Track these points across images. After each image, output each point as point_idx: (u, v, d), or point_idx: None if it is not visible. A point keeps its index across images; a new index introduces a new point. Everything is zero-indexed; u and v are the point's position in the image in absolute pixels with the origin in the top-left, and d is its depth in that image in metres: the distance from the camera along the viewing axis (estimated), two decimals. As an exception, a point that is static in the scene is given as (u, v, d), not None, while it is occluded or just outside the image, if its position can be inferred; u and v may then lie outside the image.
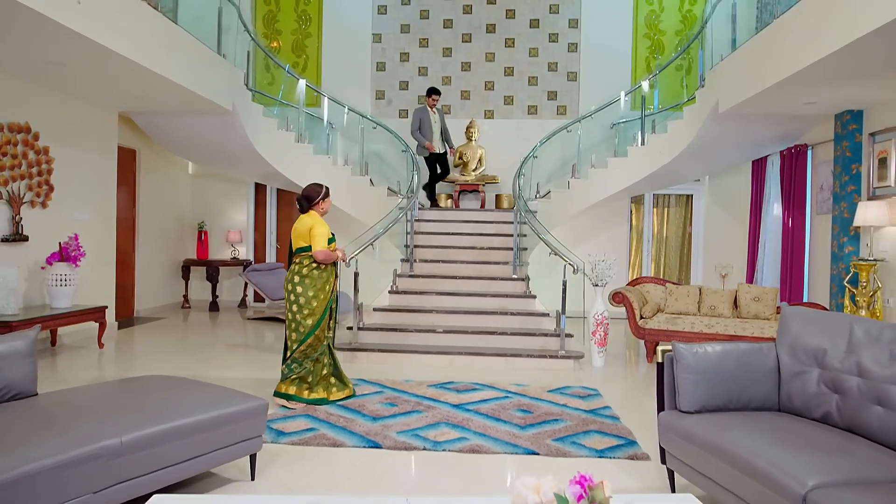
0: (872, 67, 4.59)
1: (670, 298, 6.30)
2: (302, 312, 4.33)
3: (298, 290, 4.34)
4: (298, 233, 4.42)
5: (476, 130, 9.38)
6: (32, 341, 2.80)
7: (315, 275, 4.37)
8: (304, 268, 4.37)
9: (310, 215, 4.47)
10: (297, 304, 4.33)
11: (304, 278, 4.35)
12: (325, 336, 4.48)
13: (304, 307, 4.33)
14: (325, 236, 4.38)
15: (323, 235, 4.36)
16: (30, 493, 2.10)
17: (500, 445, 3.64)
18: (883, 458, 2.29)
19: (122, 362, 5.82)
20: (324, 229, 4.39)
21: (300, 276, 4.35)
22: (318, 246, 4.32)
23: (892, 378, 2.44)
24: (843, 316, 2.85)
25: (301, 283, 4.35)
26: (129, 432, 2.40)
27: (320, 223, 4.40)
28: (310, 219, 4.42)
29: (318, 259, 4.34)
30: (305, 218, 4.44)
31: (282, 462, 3.32)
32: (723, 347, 2.92)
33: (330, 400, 4.43)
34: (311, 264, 4.37)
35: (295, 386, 4.38)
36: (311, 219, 4.41)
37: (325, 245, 4.37)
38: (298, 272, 4.37)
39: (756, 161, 8.11)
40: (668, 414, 2.91)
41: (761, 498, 2.25)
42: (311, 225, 4.36)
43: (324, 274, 4.40)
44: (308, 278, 4.35)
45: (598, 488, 1.37)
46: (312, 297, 4.34)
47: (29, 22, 4.09)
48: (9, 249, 5.64)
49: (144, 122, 7.16)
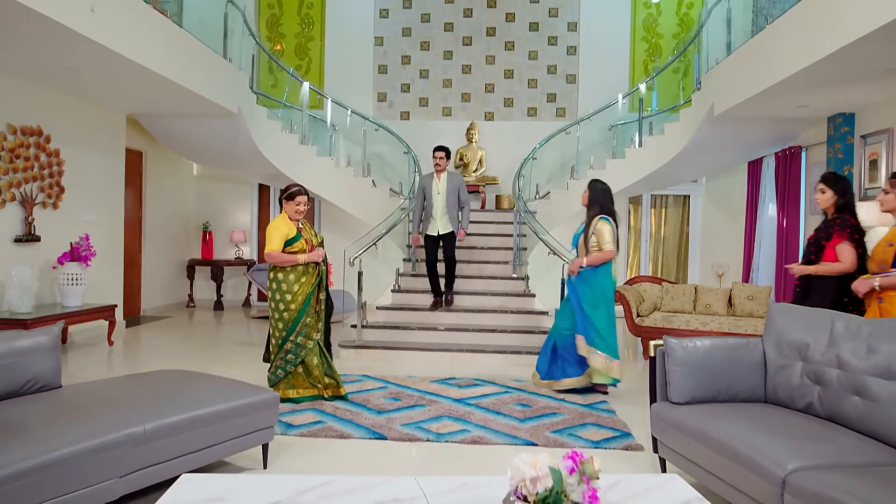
0: (862, 72, 4.72)
1: (667, 297, 6.45)
2: (274, 317, 4.34)
3: (269, 295, 4.37)
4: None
5: (476, 132, 9.53)
6: (56, 336, 2.95)
7: (280, 278, 4.31)
8: (271, 271, 4.37)
9: (280, 215, 4.41)
10: (270, 307, 4.37)
11: (271, 282, 4.35)
12: (311, 339, 4.41)
13: (275, 311, 4.33)
14: (279, 238, 4.27)
15: (275, 238, 4.26)
16: (61, 476, 2.24)
17: (501, 437, 3.79)
18: (860, 444, 2.44)
19: (132, 359, 5.97)
20: (278, 231, 4.28)
21: (269, 280, 4.37)
22: (267, 247, 4.27)
23: (869, 370, 2.59)
24: (826, 312, 3.00)
25: (270, 286, 4.35)
26: (152, 421, 2.56)
27: (277, 224, 4.32)
28: (274, 220, 4.38)
29: (268, 261, 4.32)
30: (274, 218, 4.43)
31: (292, 452, 3.47)
32: (711, 342, 3.07)
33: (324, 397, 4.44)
34: (276, 267, 4.33)
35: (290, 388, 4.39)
36: (274, 220, 4.39)
37: (277, 247, 4.26)
38: (268, 276, 4.38)
39: (752, 162, 8.26)
40: (660, 405, 3.06)
41: (745, 481, 2.40)
42: (269, 226, 4.34)
43: (291, 276, 4.31)
44: (275, 282, 4.33)
45: (589, 462, 1.53)
46: (280, 301, 4.31)
47: (43, 28, 4.22)
48: (22, 249, 5.79)
49: (151, 125, 7.32)
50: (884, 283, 3.34)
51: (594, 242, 4.75)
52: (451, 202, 6.47)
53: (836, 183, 3.87)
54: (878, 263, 3.45)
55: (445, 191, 6.45)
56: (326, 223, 9.66)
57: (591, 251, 4.75)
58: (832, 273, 3.70)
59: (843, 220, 3.77)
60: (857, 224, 3.75)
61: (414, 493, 1.93)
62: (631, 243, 9.74)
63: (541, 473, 1.50)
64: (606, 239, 4.69)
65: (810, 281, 3.81)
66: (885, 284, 3.33)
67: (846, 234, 3.70)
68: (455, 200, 6.48)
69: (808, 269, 3.82)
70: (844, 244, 3.69)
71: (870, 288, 3.42)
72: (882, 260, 3.42)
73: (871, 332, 2.69)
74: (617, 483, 2.03)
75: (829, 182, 3.88)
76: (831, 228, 3.79)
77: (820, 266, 3.76)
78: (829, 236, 3.78)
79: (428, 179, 6.57)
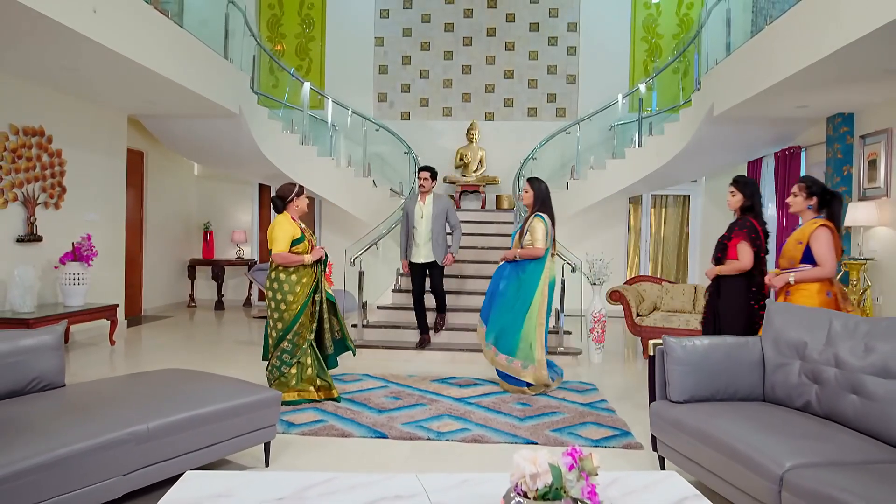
0: (861, 72, 4.74)
1: (666, 297, 6.48)
2: (273, 317, 4.35)
3: (269, 295, 4.37)
4: (269, 235, 4.38)
5: (477, 132, 9.56)
6: (60, 336, 2.98)
7: (282, 278, 4.31)
8: (272, 271, 4.36)
9: (282, 215, 4.39)
10: (269, 307, 4.38)
11: (272, 282, 4.34)
12: (306, 339, 4.41)
13: (275, 311, 4.34)
14: (285, 239, 4.27)
15: (283, 238, 4.26)
16: (65, 474, 2.27)
17: (501, 435, 3.81)
18: (857, 442, 2.46)
19: (134, 359, 6.00)
20: (285, 232, 4.28)
21: (269, 280, 4.37)
22: (275, 249, 4.26)
23: (866, 368, 2.61)
24: (823, 311, 3.03)
25: (270, 286, 4.35)
26: (156, 419, 2.58)
27: (282, 225, 4.31)
28: (276, 220, 4.36)
29: (277, 262, 4.30)
30: (276, 219, 4.39)
31: (293, 451, 3.50)
32: (710, 341, 3.10)
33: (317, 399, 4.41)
34: (278, 267, 4.34)
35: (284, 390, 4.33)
36: (277, 221, 4.35)
37: (285, 248, 4.27)
38: (269, 276, 4.39)
39: (751, 162, 8.28)
40: (659, 404, 3.08)
41: (744, 479, 2.42)
42: (273, 226, 4.32)
43: (293, 276, 4.33)
44: (276, 282, 4.33)
45: (588, 459, 1.55)
46: (281, 301, 4.31)
47: (46, 29, 4.24)
48: (24, 249, 5.81)
49: (153, 125, 7.34)
50: (798, 278, 3.67)
51: (528, 240, 4.80)
52: (437, 227, 5.88)
53: (745, 186, 4.13)
54: (789, 260, 3.77)
55: (430, 215, 5.88)
56: (327, 223, 9.69)
57: (525, 247, 4.80)
58: (733, 271, 3.98)
59: (743, 221, 4.04)
60: (756, 226, 4.00)
61: (415, 489, 1.95)
62: (631, 243, 9.77)
63: (540, 470, 1.52)
64: (538, 237, 4.76)
65: (720, 280, 4.07)
66: (799, 279, 3.67)
67: (744, 234, 3.97)
68: (441, 225, 5.92)
69: (717, 269, 4.08)
70: (743, 243, 3.96)
71: (785, 282, 3.73)
72: (793, 257, 3.73)
73: (869, 331, 2.71)
74: (615, 480, 2.05)
75: (739, 185, 4.14)
76: (734, 228, 4.06)
77: (725, 266, 4.03)
78: (730, 236, 4.05)
79: (412, 202, 6.08)
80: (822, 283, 3.63)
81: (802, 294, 3.63)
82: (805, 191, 3.81)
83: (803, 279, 3.65)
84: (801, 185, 3.85)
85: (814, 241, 3.63)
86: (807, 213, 3.84)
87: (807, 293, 3.62)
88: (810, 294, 3.61)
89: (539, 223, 4.78)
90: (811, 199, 3.80)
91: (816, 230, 3.65)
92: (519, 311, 4.76)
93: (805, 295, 3.62)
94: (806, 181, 3.86)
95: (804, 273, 3.65)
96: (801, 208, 3.85)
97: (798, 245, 3.70)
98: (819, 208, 3.81)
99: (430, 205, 5.92)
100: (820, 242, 3.62)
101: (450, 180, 9.39)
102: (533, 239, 4.75)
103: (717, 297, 4.08)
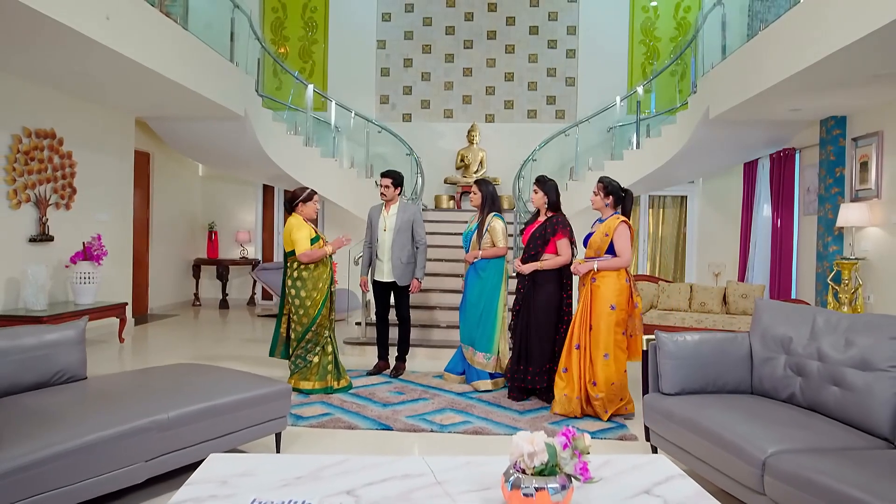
0: (851, 77, 4.88)
1: (663, 295, 6.62)
2: (298, 313, 4.65)
3: (292, 293, 4.66)
4: (285, 238, 4.72)
5: (477, 134, 9.70)
6: (82, 330, 3.13)
7: (305, 276, 4.63)
8: (294, 271, 4.66)
9: (294, 217, 4.70)
10: (294, 304, 4.66)
11: (295, 280, 4.65)
12: (327, 329, 4.75)
13: (300, 308, 4.64)
14: (306, 239, 4.59)
15: (304, 239, 4.58)
16: (92, 459, 2.42)
17: (501, 428, 3.96)
18: (837, 431, 2.61)
19: (143, 355, 6.15)
20: (303, 233, 4.60)
21: (292, 280, 4.67)
22: (300, 249, 4.58)
23: (846, 362, 2.76)
24: (808, 307, 3.17)
25: (294, 285, 4.66)
26: (176, 409, 2.73)
27: (298, 227, 4.62)
28: (290, 223, 4.66)
29: (303, 261, 4.60)
30: (289, 222, 4.69)
31: (303, 442, 3.65)
32: (701, 336, 3.25)
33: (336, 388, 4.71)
34: (300, 266, 4.64)
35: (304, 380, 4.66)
36: (291, 224, 4.66)
37: (307, 247, 4.59)
38: (291, 275, 4.68)
39: (747, 164, 8.43)
40: (652, 396, 3.23)
41: (729, 465, 2.57)
42: (290, 230, 4.63)
43: (314, 273, 4.65)
44: (299, 280, 4.64)
45: (580, 439, 1.70)
46: (306, 297, 4.63)
47: (59, 35, 4.37)
48: (36, 249, 5.96)
49: (160, 127, 7.49)
50: (601, 266, 4.11)
51: (487, 240, 4.97)
52: (401, 242, 5.11)
53: (545, 185, 4.59)
54: (596, 250, 4.18)
55: (394, 227, 5.11)
56: (330, 223, 9.84)
57: (485, 247, 4.96)
58: (557, 266, 4.45)
59: (563, 219, 4.54)
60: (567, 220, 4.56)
61: (422, 469, 2.10)
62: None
63: (537, 449, 1.67)
64: (499, 236, 4.95)
65: (535, 274, 4.47)
66: (602, 267, 4.11)
67: (567, 231, 4.49)
68: (407, 239, 5.13)
69: (536, 265, 4.47)
70: (564, 240, 4.46)
71: (588, 270, 4.15)
72: (599, 247, 4.16)
73: (849, 326, 2.86)
74: (607, 462, 2.20)
75: (541, 185, 4.61)
76: (555, 226, 4.48)
77: (547, 261, 4.46)
78: (555, 232, 4.48)
79: (376, 210, 5.32)
80: (620, 271, 4.11)
81: (605, 280, 4.10)
82: (602, 190, 4.25)
83: (606, 267, 4.10)
84: (599, 186, 4.28)
85: (616, 236, 4.09)
86: (606, 210, 4.27)
87: (609, 279, 4.09)
88: (612, 280, 4.09)
89: (498, 222, 4.98)
90: (608, 198, 4.24)
91: (619, 226, 4.11)
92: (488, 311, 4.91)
93: (608, 281, 4.09)
94: (603, 181, 4.28)
95: (606, 262, 4.10)
96: (600, 206, 4.28)
97: (605, 237, 4.13)
98: (615, 205, 4.24)
99: (395, 215, 5.17)
100: (621, 237, 4.09)
101: (451, 181, 9.55)
102: (494, 239, 4.94)
103: (534, 287, 4.46)
